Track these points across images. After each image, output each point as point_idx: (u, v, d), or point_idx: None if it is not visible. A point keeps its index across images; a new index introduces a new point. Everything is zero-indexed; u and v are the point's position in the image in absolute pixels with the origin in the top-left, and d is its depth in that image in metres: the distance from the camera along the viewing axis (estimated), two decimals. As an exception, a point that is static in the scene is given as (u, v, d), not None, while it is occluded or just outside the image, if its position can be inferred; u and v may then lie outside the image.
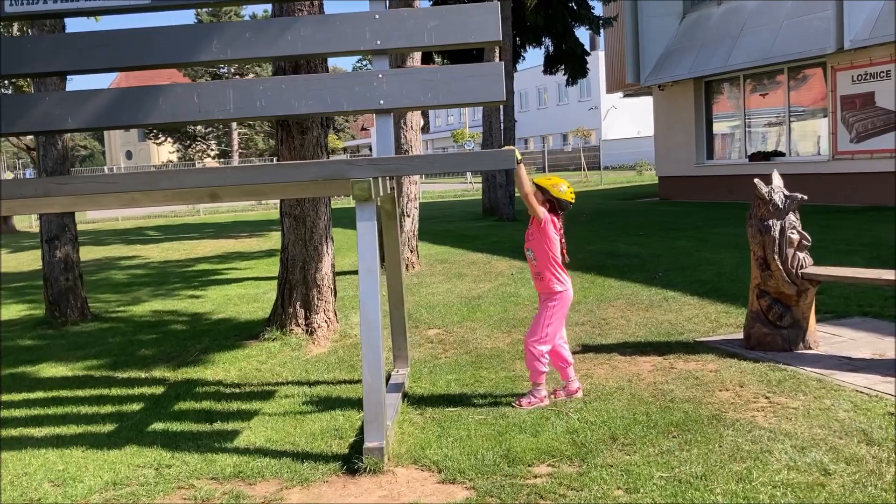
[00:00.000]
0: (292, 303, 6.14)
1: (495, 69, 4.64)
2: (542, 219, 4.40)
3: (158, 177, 3.85)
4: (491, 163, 3.93)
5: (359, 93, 4.65)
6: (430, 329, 6.46)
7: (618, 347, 5.56)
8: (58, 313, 7.31)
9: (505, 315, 6.79)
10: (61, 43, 4.80)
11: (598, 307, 6.87)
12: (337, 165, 3.81)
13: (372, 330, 3.80)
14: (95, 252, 15.42)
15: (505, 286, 8.18)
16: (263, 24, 4.77)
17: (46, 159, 7.21)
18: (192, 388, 5.15)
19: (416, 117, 9.41)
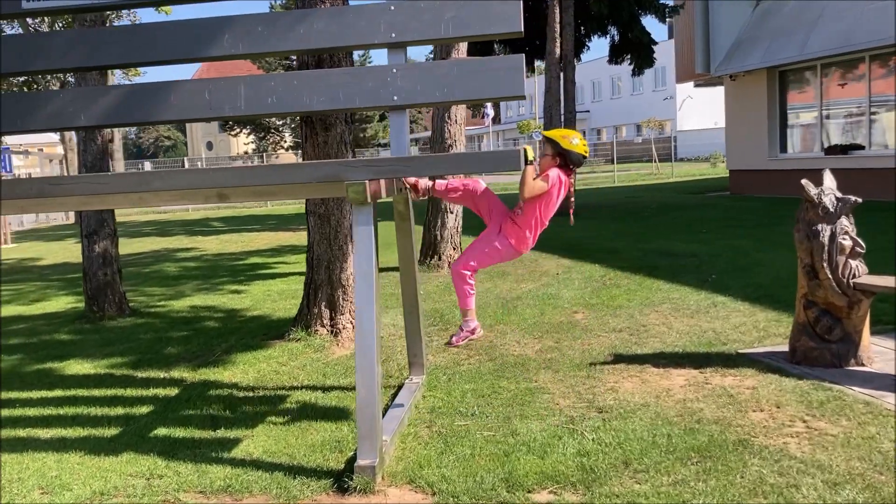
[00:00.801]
0: (317, 303, 6.00)
1: (515, 62, 4.36)
2: (548, 188, 4.11)
3: (150, 177, 3.72)
4: (494, 164, 3.66)
5: (372, 88, 4.44)
6: (459, 332, 6.22)
7: (652, 358, 5.21)
8: (96, 308, 7.37)
9: (540, 319, 6.50)
10: (74, 39, 4.75)
11: (639, 312, 6.51)
12: (331, 167, 3.60)
13: (366, 340, 3.59)
14: (157, 243, 15.74)
15: (547, 287, 7.88)
16: (275, 16, 4.62)
17: (86, 154, 7.26)
18: (206, 390, 5.05)
19: (459, 110, 9.15)
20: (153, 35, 4.67)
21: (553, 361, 5.26)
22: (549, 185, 4.09)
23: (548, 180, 4.08)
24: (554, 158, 4.18)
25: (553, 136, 4.18)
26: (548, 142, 4.19)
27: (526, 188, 4.01)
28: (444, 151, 9.09)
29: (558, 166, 4.18)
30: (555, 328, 6.16)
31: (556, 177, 4.13)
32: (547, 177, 4.09)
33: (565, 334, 5.96)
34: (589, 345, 5.64)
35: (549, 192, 4.12)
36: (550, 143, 4.18)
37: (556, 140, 4.16)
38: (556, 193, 4.16)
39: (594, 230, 12.77)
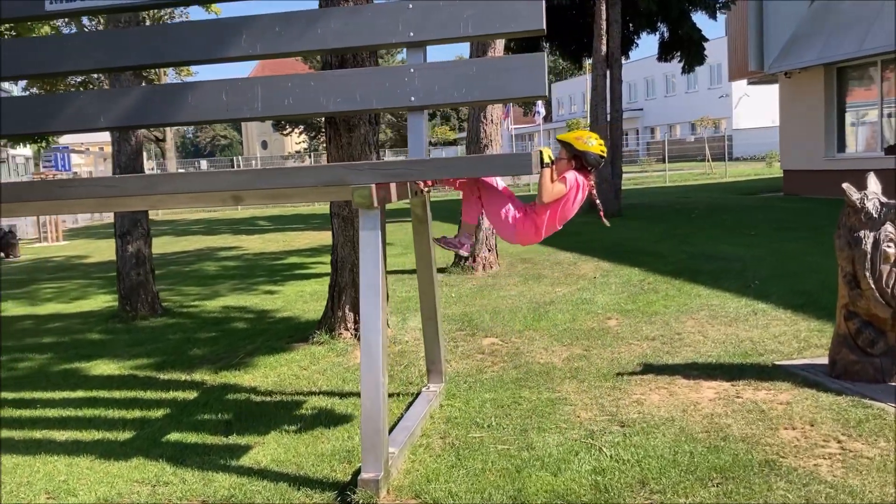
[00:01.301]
0: (341, 306, 5.92)
1: (536, 61, 4.20)
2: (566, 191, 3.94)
3: (157, 181, 3.67)
4: (505, 167, 3.51)
5: (389, 89, 4.33)
6: (486, 338, 6.07)
7: (684, 369, 4.99)
8: (129, 307, 7.41)
9: (571, 325, 6.31)
10: (95, 41, 4.74)
11: (675, 319, 6.27)
12: (337, 171, 3.50)
13: (372, 350, 3.47)
14: (202, 242, 15.92)
15: (582, 291, 7.67)
16: (292, 16, 4.52)
17: (120, 154, 7.31)
18: (224, 394, 5.00)
19: (496, 110, 8.99)
20: (171, 36, 4.64)
21: (579, 371, 5.08)
22: (567, 188, 3.91)
23: (566, 183, 3.91)
24: (570, 162, 4.00)
25: (567, 139, 4.00)
26: (563, 145, 4.02)
27: (545, 192, 3.84)
28: (480, 152, 8.94)
29: (576, 169, 3.99)
30: (585, 335, 5.97)
31: (574, 179, 3.95)
32: (564, 179, 3.91)
33: (595, 342, 5.77)
34: (619, 353, 5.44)
35: (567, 195, 3.94)
36: (565, 146, 4.01)
37: (570, 142, 3.98)
38: (574, 197, 3.99)
39: (639, 231, 12.47)
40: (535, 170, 3.82)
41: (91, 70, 4.72)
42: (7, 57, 4.71)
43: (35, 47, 4.76)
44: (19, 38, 4.73)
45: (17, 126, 4.75)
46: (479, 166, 3.47)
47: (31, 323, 7.78)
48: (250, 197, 4.17)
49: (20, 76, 4.69)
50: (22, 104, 4.73)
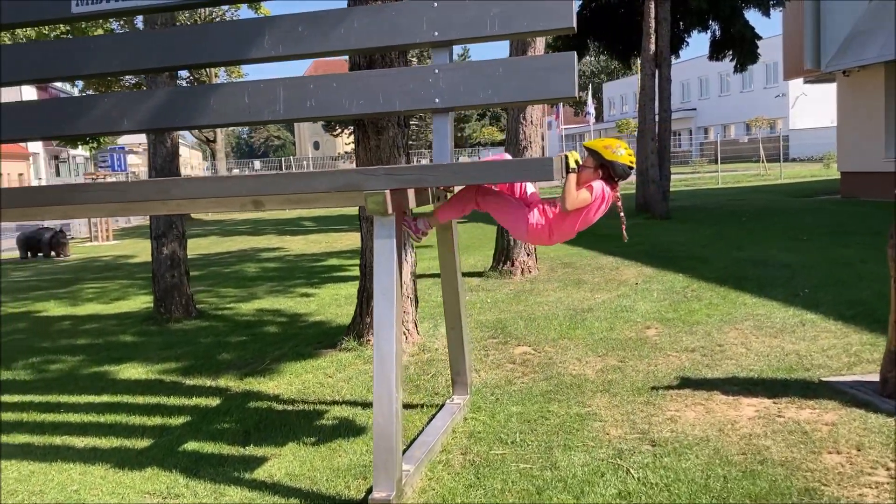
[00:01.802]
0: (370, 312, 5.79)
1: (566, 60, 4.01)
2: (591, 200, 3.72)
3: (168, 185, 3.57)
4: (522, 173, 3.33)
5: (413, 90, 4.19)
6: (518, 346, 5.89)
7: (723, 384, 4.74)
8: (163, 310, 7.41)
9: (608, 334, 6.09)
10: (120, 44, 4.69)
11: (717, 330, 6.00)
12: (350, 176, 3.36)
13: (385, 362, 3.33)
14: (247, 242, 16.01)
15: (623, 298, 7.42)
16: (316, 16, 4.41)
17: (156, 156, 7.31)
18: (247, 401, 4.91)
19: (536, 111, 8.78)
20: (194, 38, 4.57)
21: (612, 384, 4.87)
22: (591, 198, 3.70)
23: (591, 192, 3.69)
24: (596, 171, 3.78)
25: (594, 147, 3.78)
26: (589, 153, 3.80)
27: (569, 199, 3.64)
28: (519, 154, 8.75)
29: (602, 178, 3.77)
30: (622, 345, 5.74)
31: (601, 189, 3.73)
32: (591, 188, 3.70)
33: (632, 352, 5.54)
34: (655, 366, 5.20)
35: (591, 205, 3.74)
36: (592, 155, 3.79)
37: (597, 151, 3.76)
38: (597, 207, 3.77)
39: (686, 235, 12.12)
40: (560, 175, 3.63)
41: (117, 72, 4.67)
42: (32, 59, 4.70)
43: (62, 49, 4.74)
44: (44, 41, 4.70)
45: (43, 129, 4.75)
46: (497, 172, 3.30)
47: (69, 324, 7.84)
48: (270, 202, 4.06)
49: (45, 79, 4.66)
50: (48, 107, 4.71)
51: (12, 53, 4.67)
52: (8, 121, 4.70)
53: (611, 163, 3.73)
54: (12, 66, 4.63)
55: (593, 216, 3.79)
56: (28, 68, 4.64)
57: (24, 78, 4.63)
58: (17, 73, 4.62)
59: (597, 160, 3.74)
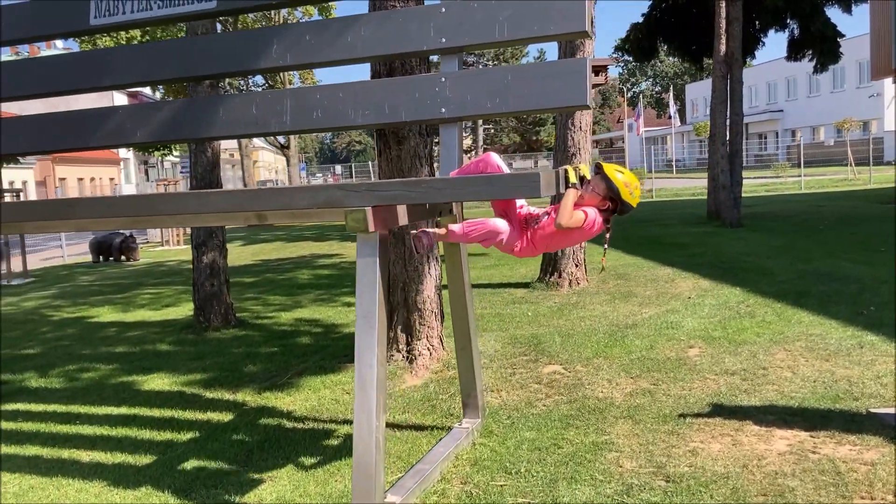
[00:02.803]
0: (393, 327, 5.63)
1: (577, 66, 3.76)
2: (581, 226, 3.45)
3: (155, 200, 3.49)
4: (508, 190, 3.09)
5: (419, 100, 4.02)
6: (549, 365, 5.62)
7: (758, 412, 4.38)
8: (202, 318, 7.44)
9: (647, 353, 5.76)
10: (136, 55, 4.68)
11: (765, 350, 5.60)
12: (331, 192, 3.20)
13: (366, 390, 3.15)
14: (308, 248, 16.12)
15: (671, 313, 7.05)
16: (324, 25, 4.29)
17: (197, 166, 7.34)
18: (259, 417, 4.82)
19: (585, 116, 8.45)
20: (204, 49, 4.51)
21: (639, 409, 4.57)
22: (582, 224, 3.43)
23: (585, 218, 3.42)
24: (603, 201, 3.50)
25: (614, 179, 3.47)
26: (603, 180, 3.49)
27: (565, 215, 3.36)
28: (567, 161, 8.45)
29: (600, 208, 3.50)
30: (658, 366, 5.42)
31: (594, 220, 3.45)
32: (585, 214, 3.43)
33: (667, 374, 5.21)
34: (689, 390, 4.87)
35: (577, 229, 3.47)
36: (608, 185, 3.48)
37: (617, 185, 3.45)
38: (583, 234, 3.51)
39: (753, 245, 11.54)
40: (559, 189, 3.39)
41: (131, 84, 4.65)
42: (50, 72, 4.74)
43: (79, 61, 4.76)
44: (66, 53, 4.73)
45: (57, 142, 4.77)
46: (485, 188, 3.08)
47: (114, 330, 7.97)
48: (273, 216, 3.96)
49: (62, 91, 4.69)
50: (65, 119, 4.73)
51: (27, 67, 4.71)
52: (27, 134, 4.75)
53: (623, 202, 3.46)
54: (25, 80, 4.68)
55: (575, 237, 3.53)
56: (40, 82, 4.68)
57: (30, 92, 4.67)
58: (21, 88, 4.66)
59: (610, 192, 3.46)
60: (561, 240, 3.54)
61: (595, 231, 3.49)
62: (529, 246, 3.55)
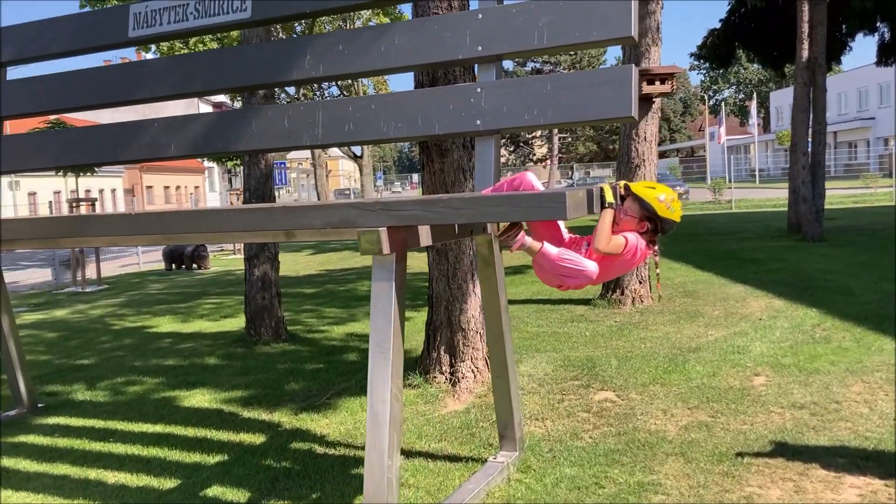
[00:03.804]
0: (437, 347, 5.40)
1: (621, 75, 3.47)
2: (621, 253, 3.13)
3: (169, 219, 3.36)
4: (531, 211, 2.81)
5: (453, 111, 3.79)
6: (601, 391, 5.29)
7: (827, 454, 3.97)
8: (252, 332, 7.36)
9: (708, 381, 5.36)
10: (168, 67, 4.59)
11: (839, 381, 5.13)
12: (345, 211, 2.99)
13: (378, 426, 2.92)
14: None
15: (739, 336, 6.60)
16: (356, 34, 4.11)
17: (250, 178, 7.29)
18: (291, 441, 4.65)
19: (650, 126, 8.05)
20: (236, 60, 4.39)
21: (693, 445, 4.20)
22: (622, 251, 3.12)
23: (626, 244, 3.11)
24: (641, 223, 3.18)
25: (646, 197, 3.15)
26: (637, 202, 3.18)
27: (602, 238, 3.07)
28: (630, 172, 8.08)
29: (644, 232, 3.18)
30: (720, 396, 5.02)
31: (635, 243, 3.14)
32: (626, 240, 3.12)
33: (728, 406, 4.82)
34: (751, 424, 4.47)
35: (621, 257, 3.15)
36: (641, 205, 3.16)
37: (650, 203, 3.14)
38: (626, 264, 3.19)
39: (836, 261, 10.85)
40: (594, 209, 3.10)
41: (165, 97, 4.57)
42: (85, 86, 4.70)
43: (114, 74, 4.71)
44: (97, 67, 4.69)
45: (96, 155, 4.72)
46: (507, 209, 2.81)
47: (169, 342, 7.98)
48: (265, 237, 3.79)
49: (95, 105, 4.65)
50: (100, 133, 4.69)
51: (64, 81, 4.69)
52: (60, 148, 4.73)
53: (661, 219, 3.14)
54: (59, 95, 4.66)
55: (617, 269, 3.22)
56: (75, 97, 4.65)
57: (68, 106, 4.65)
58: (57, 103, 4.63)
59: (645, 211, 3.15)
60: (602, 270, 3.22)
61: (639, 258, 3.18)
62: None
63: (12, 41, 5.01)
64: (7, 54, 5.04)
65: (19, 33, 5.00)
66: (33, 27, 4.96)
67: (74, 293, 13.15)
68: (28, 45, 4.97)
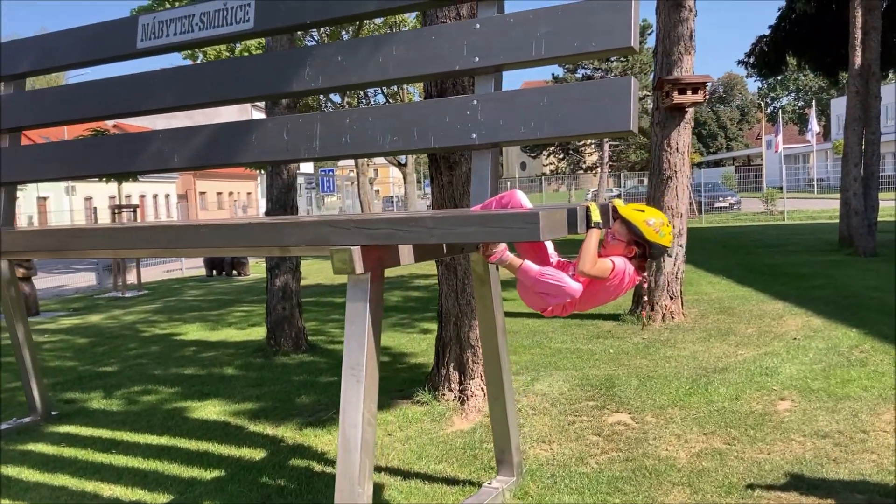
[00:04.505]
0: (446, 363, 5.27)
1: (620, 87, 3.32)
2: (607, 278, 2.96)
3: (155, 233, 3.31)
4: (503, 231, 2.64)
5: (449, 124, 3.68)
6: (615, 413, 5.10)
7: (845, 488, 3.73)
8: (273, 342, 7.34)
9: (729, 405, 5.12)
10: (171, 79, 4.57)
11: (870, 409, 4.85)
12: (319, 228, 2.89)
13: (350, 453, 2.81)
14: (417, 267, 15.95)
15: (769, 357, 6.32)
16: (355, 44, 4.04)
17: (273, 188, 7.28)
18: (290, 458, 4.57)
19: (683, 136, 7.80)
20: (236, 72, 4.35)
21: (702, 474, 4.00)
22: (609, 276, 2.95)
23: (612, 268, 2.95)
24: (629, 248, 3.01)
25: (633, 220, 2.98)
26: (625, 225, 3.02)
27: (587, 259, 2.90)
28: (662, 185, 7.84)
29: (632, 257, 3.01)
30: (739, 421, 4.79)
31: (623, 268, 2.96)
32: (613, 265, 2.95)
33: (746, 432, 4.58)
34: (768, 453, 4.24)
35: (607, 282, 2.98)
36: (629, 228, 3.00)
37: (637, 227, 2.98)
38: (613, 290, 3.02)
39: (886, 278, 10.38)
40: (579, 229, 2.94)
41: (170, 108, 4.55)
42: (93, 97, 4.71)
43: (120, 86, 4.71)
44: (107, 79, 4.70)
45: (102, 167, 4.73)
46: (478, 229, 2.67)
47: (193, 350, 8.01)
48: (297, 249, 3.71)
49: (104, 116, 4.66)
50: (107, 143, 4.70)
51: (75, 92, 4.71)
52: (67, 159, 4.75)
53: (650, 244, 2.97)
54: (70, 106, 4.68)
55: (605, 298, 3.04)
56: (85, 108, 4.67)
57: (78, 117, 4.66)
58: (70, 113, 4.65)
59: (633, 235, 2.98)
60: (590, 296, 3.06)
61: (627, 285, 3.01)
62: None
63: (29, 53, 5.06)
64: (24, 66, 5.09)
65: (36, 45, 5.05)
66: (48, 39, 5.01)
67: (114, 298, 13.38)
68: (44, 56, 5.01)
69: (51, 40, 4.98)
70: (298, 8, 4.18)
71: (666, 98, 7.61)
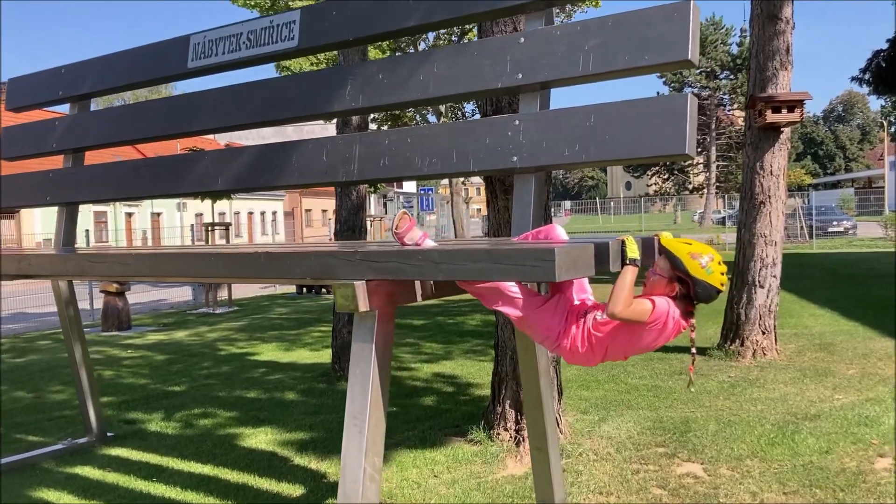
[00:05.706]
0: (501, 400, 4.94)
1: (675, 104, 2.94)
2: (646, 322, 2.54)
3: (161, 260, 3.14)
4: (515, 269, 2.29)
5: (489, 146, 3.39)
6: (686, 462, 4.63)
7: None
8: (338, 367, 7.17)
9: (818, 459, 4.57)
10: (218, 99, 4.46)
11: (985, 473, 4.22)
12: (325, 259, 2.64)
13: (349, 509, 2.53)
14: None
15: (870, 404, 5.68)
16: (395, 62, 3.80)
17: (342, 210, 7.14)
18: (327, 495, 4.32)
19: (777, 157, 7.19)
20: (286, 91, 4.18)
21: (776, 544, 3.52)
22: (648, 319, 2.53)
23: (653, 309, 2.53)
24: (671, 284, 2.57)
25: (676, 251, 2.56)
26: (668, 258, 2.59)
27: (620, 299, 2.50)
28: (754, 210, 7.25)
29: (675, 297, 2.57)
30: (827, 480, 4.24)
31: (666, 311, 2.53)
32: (653, 303, 2.54)
33: (833, 494, 4.05)
34: (857, 522, 3.71)
35: (646, 327, 2.57)
36: (671, 260, 2.58)
37: (680, 259, 2.55)
38: (655, 336, 2.59)
39: None
40: (614, 266, 2.58)
41: (215, 130, 4.45)
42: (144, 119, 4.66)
43: (166, 108, 4.64)
44: (157, 100, 4.65)
45: (152, 188, 4.67)
46: (489, 265, 2.35)
47: (261, 372, 7.94)
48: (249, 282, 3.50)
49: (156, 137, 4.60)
50: (156, 165, 4.63)
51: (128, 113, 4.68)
52: (118, 180, 4.71)
53: (696, 281, 2.53)
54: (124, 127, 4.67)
55: (648, 342, 2.62)
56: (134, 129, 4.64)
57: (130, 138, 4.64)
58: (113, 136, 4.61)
59: (676, 270, 2.55)
60: (625, 343, 2.65)
61: (671, 330, 2.59)
62: (584, 345, 2.71)
63: (90, 75, 5.08)
64: (86, 87, 5.12)
65: (95, 67, 5.06)
66: (105, 61, 5.01)
67: (204, 314, 13.63)
68: (102, 78, 5.02)
69: (109, 62, 4.98)
70: (342, 25, 3.99)
71: (759, 117, 7.05)
